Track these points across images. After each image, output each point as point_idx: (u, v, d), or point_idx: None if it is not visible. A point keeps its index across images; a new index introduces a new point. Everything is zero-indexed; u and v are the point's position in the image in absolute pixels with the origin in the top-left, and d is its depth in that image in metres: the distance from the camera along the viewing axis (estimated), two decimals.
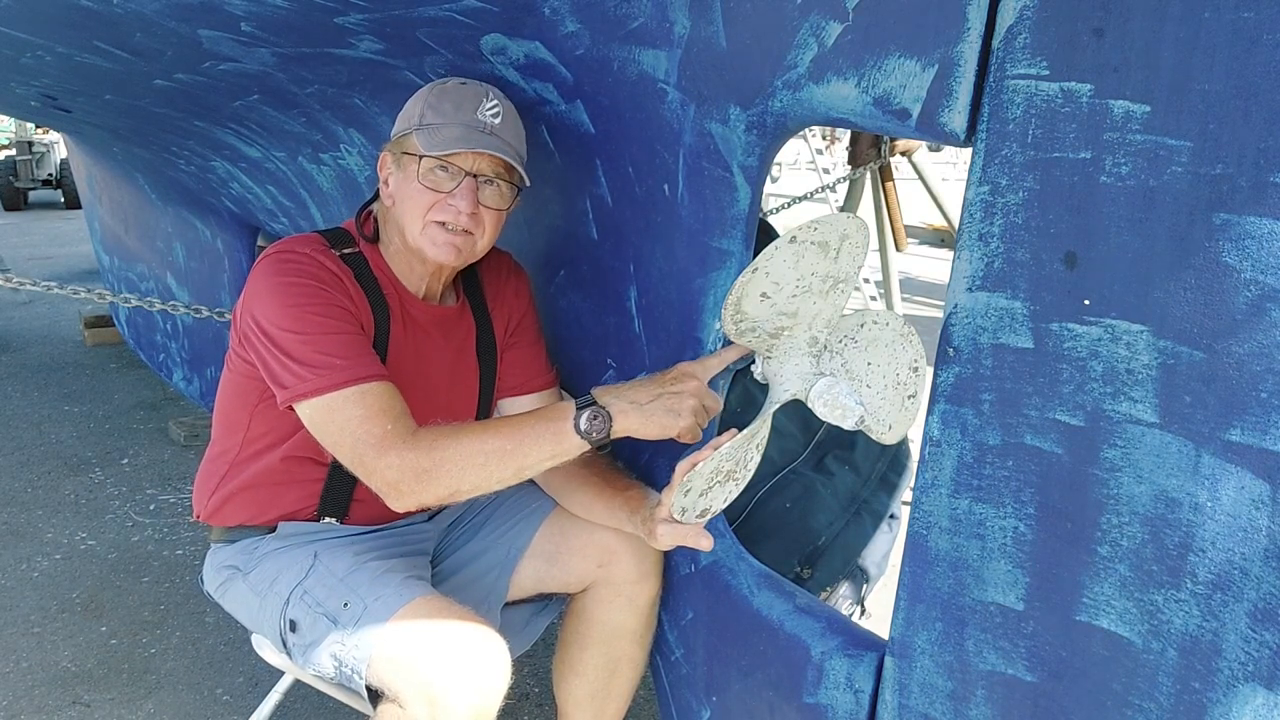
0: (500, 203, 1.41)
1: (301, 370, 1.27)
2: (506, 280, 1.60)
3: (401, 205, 1.38)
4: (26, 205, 12.44)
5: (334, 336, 1.29)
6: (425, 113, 1.37)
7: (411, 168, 1.36)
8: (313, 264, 1.34)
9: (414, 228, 1.37)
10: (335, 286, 1.34)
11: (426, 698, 1.16)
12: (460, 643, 1.21)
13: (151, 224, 4.29)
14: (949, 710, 1.00)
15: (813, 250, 1.03)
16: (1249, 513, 0.74)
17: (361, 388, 1.26)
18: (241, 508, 1.49)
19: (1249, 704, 0.75)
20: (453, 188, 1.35)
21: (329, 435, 1.28)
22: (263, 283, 1.32)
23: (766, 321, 1.08)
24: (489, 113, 1.37)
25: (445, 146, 1.34)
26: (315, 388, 1.26)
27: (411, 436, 1.23)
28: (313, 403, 1.27)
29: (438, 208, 1.36)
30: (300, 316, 1.29)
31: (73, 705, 2.08)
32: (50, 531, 2.93)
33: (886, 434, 1.13)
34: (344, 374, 1.26)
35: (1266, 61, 0.70)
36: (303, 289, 1.31)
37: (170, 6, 1.57)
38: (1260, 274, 0.72)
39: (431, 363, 1.48)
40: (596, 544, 1.46)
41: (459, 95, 1.38)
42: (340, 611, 1.29)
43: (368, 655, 1.23)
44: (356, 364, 1.27)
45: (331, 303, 1.32)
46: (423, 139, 1.35)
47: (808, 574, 1.92)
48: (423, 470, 1.21)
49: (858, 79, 1.00)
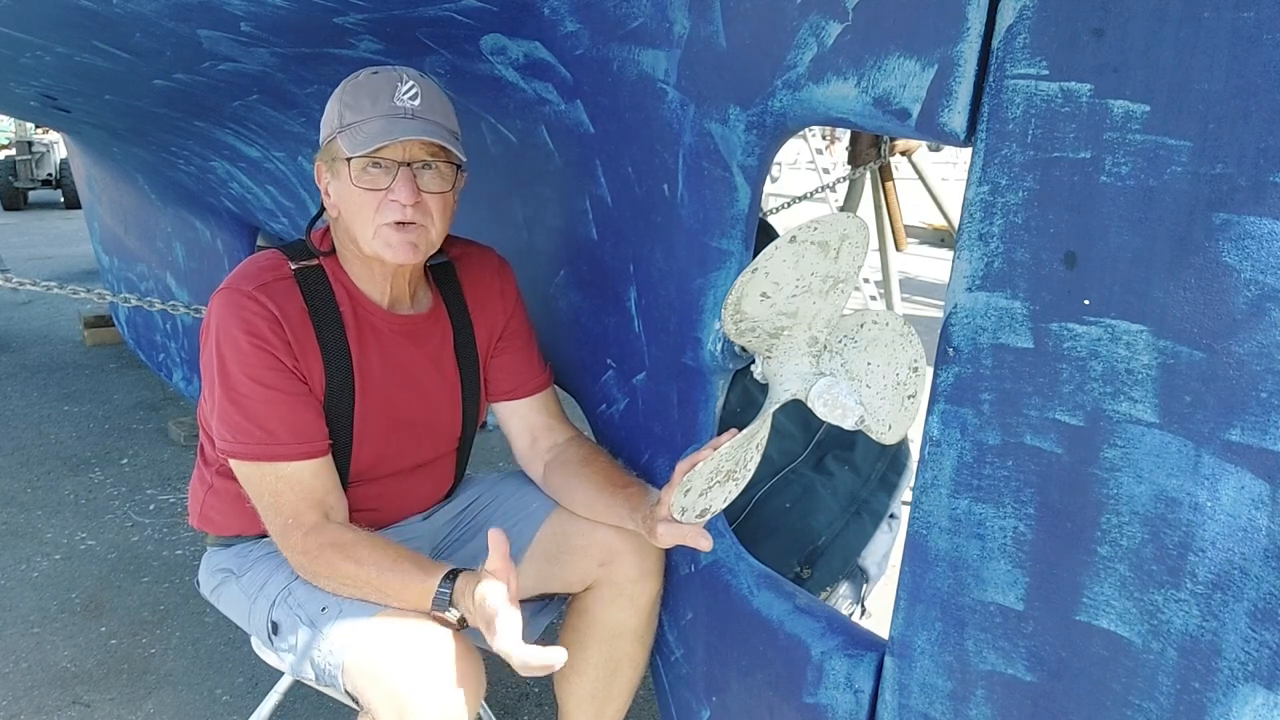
0: (442, 185, 1.35)
1: (233, 430, 1.31)
2: (490, 281, 1.56)
3: (347, 213, 1.34)
4: (26, 205, 12.42)
5: (268, 405, 1.30)
6: (344, 113, 1.32)
7: (344, 172, 1.31)
8: (256, 309, 1.30)
9: (365, 234, 1.32)
10: (276, 339, 1.31)
11: (396, 709, 1.16)
12: (430, 652, 1.20)
13: (151, 224, 4.29)
14: (949, 710, 1.00)
15: (813, 250, 1.03)
16: (1249, 513, 0.74)
17: (278, 467, 1.30)
18: (233, 519, 1.49)
19: (1249, 704, 0.75)
20: (390, 182, 1.30)
21: (249, 494, 1.36)
22: (214, 322, 1.32)
23: (766, 321, 1.08)
24: (407, 96, 1.30)
25: (369, 143, 1.27)
26: (238, 451, 1.32)
27: (306, 539, 1.30)
28: (235, 463, 1.34)
29: (382, 208, 1.31)
30: (239, 378, 1.30)
31: (73, 705, 2.08)
32: (50, 531, 2.93)
33: (886, 434, 1.13)
34: (265, 448, 1.30)
35: (1266, 61, 0.70)
36: (244, 345, 1.29)
37: (170, 6, 1.57)
38: (1260, 274, 0.72)
39: (403, 374, 1.45)
40: (598, 543, 1.46)
41: (373, 86, 1.32)
42: (318, 615, 1.29)
43: (341, 661, 1.23)
44: (279, 439, 1.30)
45: (272, 365, 1.30)
46: (347, 141, 1.30)
47: (808, 574, 1.92)
48: (310, 573, 1.32)
49: (858, 79, 1.00)
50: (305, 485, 1.31)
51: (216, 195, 3.33)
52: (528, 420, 1.58)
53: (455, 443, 1.59)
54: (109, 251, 5.07)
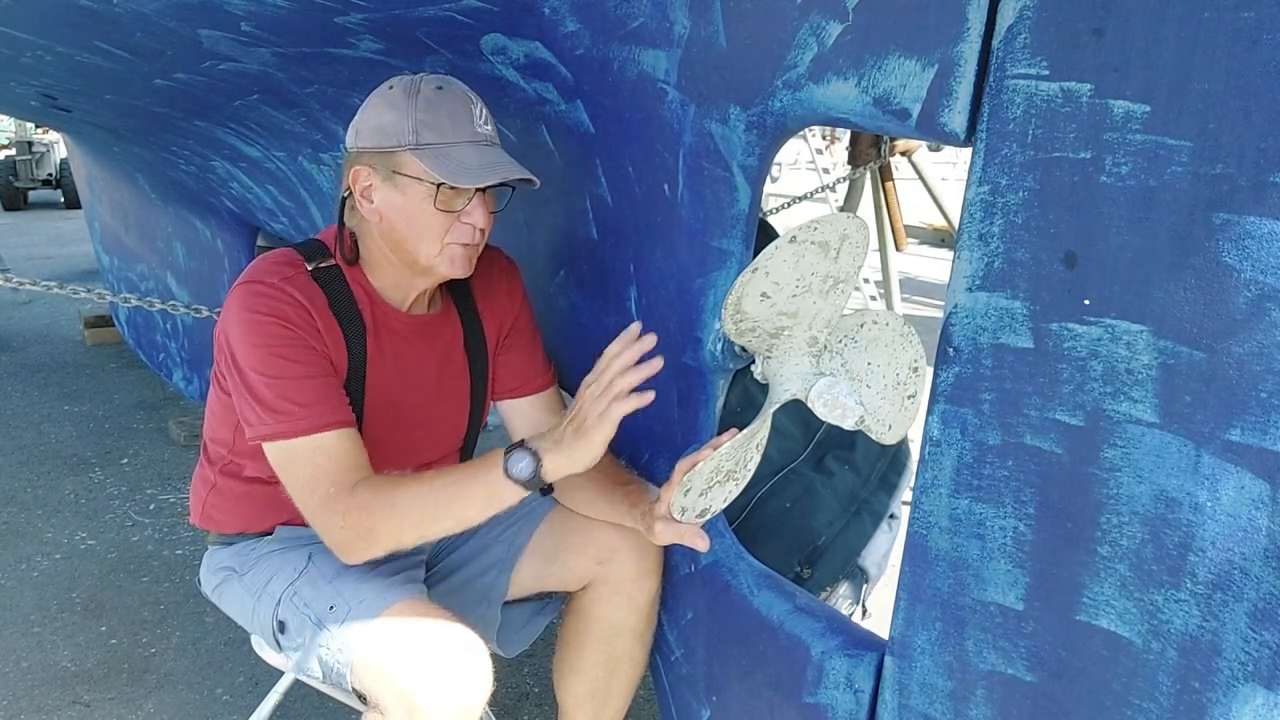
0: (500, 205, 1.38)
1: (263, 413, 1.28)
2: (498, 280, 1.57)
3: (408, 228, 1.32)
4: (26, 205, 12.43)
5: (297, 381, 1.28)
6: (420, 130, 1.28)
7: (417, 191, 1.29)
8: (281, 297, 1.30)
9: (429, 250, 1.33)
10: (303, 323, 1.31)
11: (405, 705, 1.16)
12: (439, 649, 1.21)
13: (151, 224, 4.29)
14: (949, 710, 1.00)
15: (813, 250, 1.03)
16: (1249, 513, 0.74)
17: (315, 438, 1.27)
18: (236, 517, 1.49)
19: (1249, 704, 0.75)
20: (464, 205, 1.31)
21: (285, 480, 1.30)
22: (234, 314, 1.30)
23: (766, 321, 1.08)
24: (481, 121, 1.33)
25: (472, 178, 1.27)
26: (271, 432, 1.28)
27: (352, 497, 1.24)
28: (268, 447, 1.30)
29: (455, 229, 1.32)
30: (265, 358, 1.28)
31: (72, 705, 2.08)
32: (50, 531, 2.93)
33: (886, 434, 1.13)
34: (301, 422, 1.27)
35: (1266, 61, 0.70)
36: (269, 328, 1.29)
37: (170, 6, 1.57)
38: (1260, 274, 0.72)
39: (417, 373, 1.46)
40: (596, 542, 1.46)
41: (449, 107, 1.31)
42: (326, 614, 1.30)
43: (350, 660, 1.23)
44: (314, 412, 1.28)
45: (297, 343, 1.30)
46: (434, 164, 1.27)
47: (808, 574, 1.92)
48: (365, 530, 1.23)
49: (858, 79, 1.00)
50: (344, 451, 1.28)
51: (217, 195, 3.33)
52: (531, 418, 1.58)
53: (459, 442, 1.59)
54: (109, 251, 5.07)
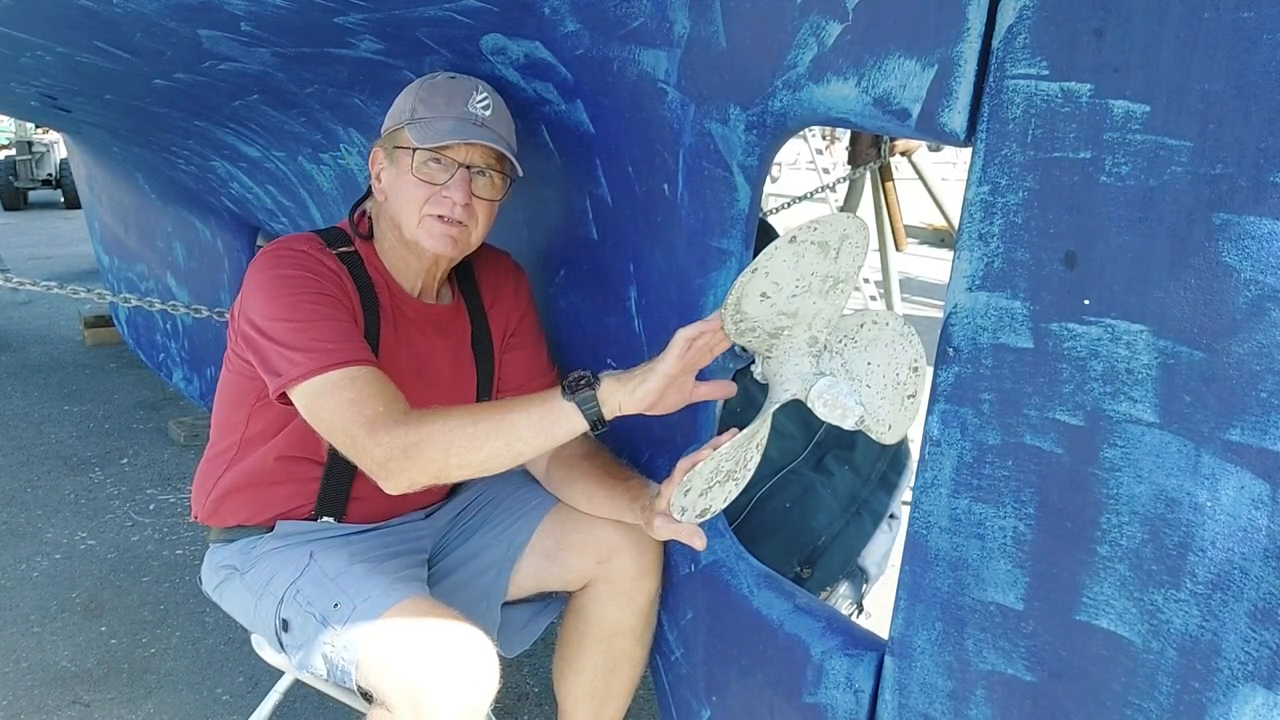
0: (493, 193, 1.43)
1: (293, 355, 1.27)
2: (505, 281, 1.61)
3: (396, 199, 1.40)
4: (26, 205, 12.41)
5: (325, 323, 1.30)
6: (417, 107, 1.40)
7: (405, 161, 1.38)
8: (308, 258, 1.36)
9: (410, 221, 1.39)
10: (329, 278, 1.36)
11: (412, 703, 1.16)
12: (445, 646, 1.21)
13: (151, 224, 4.29)
14: (949, 710, 1.00)
15: (813, 250, 1.03)
16: (1249, 513, 0.74)
17: (351, 370, 1.26)
18: (239, 508, 1.49)
19: (1249, 704, 0.75)
20: (446, 179, 1.37)
21: (322, 420, 1.27)
22: (257, 277, 1.34)
23: (766, 321, 1.08)
24: (479, 105, 1.40)
25: (439, 138, 1.36)
26: (306, 370, 1.26)
27: (403, 415, 1.23)
28: (303, 388, 1.26)
29: (433, 200, 1.38)
30: (292, 304, 1.30)
31: (72, 705, 2.08)
32: (50, 531, 2.93)
33: (886, 434, 1.13)
34: (334, 357, 1.26)
35: (1266, 61, 0.70)
36: (295, 280, 1.32)
37: (170, 6, 1.57)
38: (1260, 274, 0.72)
39: (426, 361, 1.49)
40: (595, 541, 1.46)
41: (450, 89, 1.41)
42: (331, 612, 1.29)
43: (355, 657, 1.23)
44: (346, 348, 1.28)
45: (323, 291, 1.33)
46: (415, 132, 1.37)
47: (808, 574, 1.92)
48: (411, 445, 1.19)
49: (858, 79, 1.00)
50: (383, 384, 1.27)
51: (217, 195, 3.33)
52: None
53: None
54: (109, 251, 5.07)
